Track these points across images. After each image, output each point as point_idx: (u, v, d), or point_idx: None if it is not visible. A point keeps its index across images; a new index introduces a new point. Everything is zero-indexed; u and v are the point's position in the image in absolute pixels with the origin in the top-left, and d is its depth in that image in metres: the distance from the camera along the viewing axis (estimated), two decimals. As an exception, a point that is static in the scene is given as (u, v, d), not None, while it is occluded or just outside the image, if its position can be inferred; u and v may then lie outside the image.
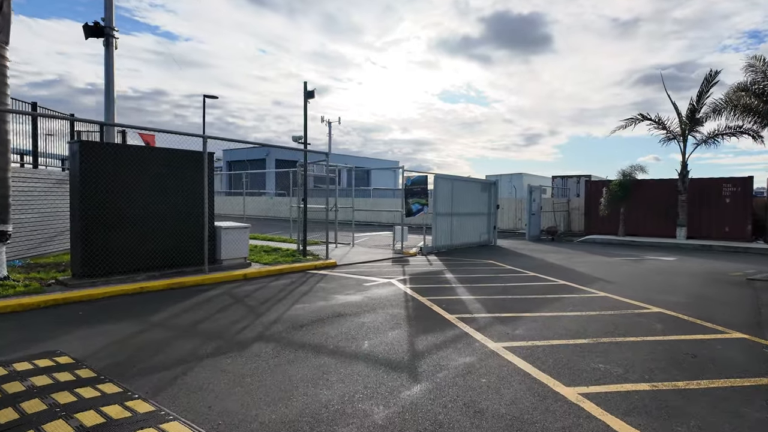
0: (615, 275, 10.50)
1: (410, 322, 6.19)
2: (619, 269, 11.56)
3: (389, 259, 13.01)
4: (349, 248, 15.12)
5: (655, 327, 6.01)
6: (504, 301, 7.60)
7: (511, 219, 25.99)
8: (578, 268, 11.66)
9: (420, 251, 14.71)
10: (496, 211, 18.44)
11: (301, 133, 12.47)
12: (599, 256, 14.56)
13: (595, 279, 9.89)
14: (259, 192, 36.25)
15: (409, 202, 14.80)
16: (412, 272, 10.66)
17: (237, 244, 10.29)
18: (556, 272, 10.85)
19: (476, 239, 17.41)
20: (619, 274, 10.63)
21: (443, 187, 15.59)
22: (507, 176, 29.96)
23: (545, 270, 11.19)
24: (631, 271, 11.21)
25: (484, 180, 18.03)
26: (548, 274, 10.42)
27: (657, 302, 7.53)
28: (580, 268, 11.67)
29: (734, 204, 18.92)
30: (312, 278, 9.72)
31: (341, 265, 11.54)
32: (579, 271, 11.14)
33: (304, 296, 7.85)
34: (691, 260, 13.64)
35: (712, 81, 18.35)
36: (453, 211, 16.01)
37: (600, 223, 21.86)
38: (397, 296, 7.88)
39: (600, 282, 9.52)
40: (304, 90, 12.20)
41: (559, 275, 10.33)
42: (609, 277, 10.14)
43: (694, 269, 11.71)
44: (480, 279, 9.77)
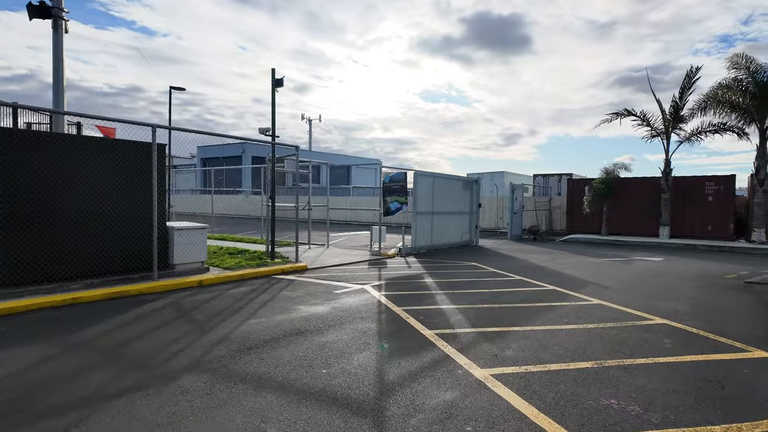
0: (606, 278, 9.69)
1: (381, 341, 5.18)
2: (609, 271, 10.77)
3: (365, 261, 12.00)
4: (324, 249, 14.05)
5: (664, 344, 5.13)
6: (489, 311, 6.66)
7: (492, 218, 25.23)
8: (566, 270, 10.84)
9: (399, 252, 13.74)
10: (478, 209, 17.60)
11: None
12: (585, 256, 13.81)
13: (586, 283, 9.05)
14: (234, 190, 34.79)
15: (387, 200, 13.81)
16: (389, 276, 9.66)
17: (193, 247, 9.13)
18: (543, 275, 9.98)
19: (458, 239, 16.52)
20: (609, 277, 9.83)
21: (423, 185, 14.65)
22: (489, 174, 29.21)
23: (531, 273, 10.32)
24: (621, 274, 10.42)
25: (465, 177, 17.18)
26: (535, 278, 9.55)
27: (658, 311, 6.69)
28: (568, 270, 10.84)
29: (717, 202, 18.47)
30: (277, 285, 8.65)
31: (312, 269, 10.48)
32: (567, 273, 10.31)
33: (262, 307, 6.78)
34: (679, 261, 12.98)
35: (694, 77, 17.84)
36: (434, 210, 15.08)
37: (582, 222, 21.25)
38: (369, 306, 6.87)
39: (592, 286, 8.68)
40: (272, 78, 11.08)
41: (547, 279, 9.47)
42: (600, 281, 9.32)
43: (686, 271, 11.01)
44: (462, 284, 8.84)
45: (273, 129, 11.12)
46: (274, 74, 11.10)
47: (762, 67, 16.61)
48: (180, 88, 18.37)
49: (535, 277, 9.74)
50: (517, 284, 8.88)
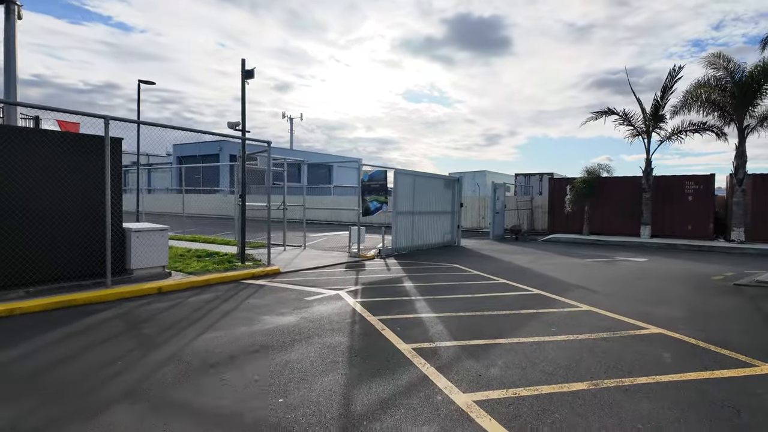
0: (592, 281, 9.25)
1: (352, 358, 4.56)
2: (594, 273, 10.35)
3: (343, 263, 11.35)
4: (300, 251, 13.34)
5: (664, 359, 4.63)
6: (472, 319, 6.09)
7: (474, 218, 24.82)
8: (550, 272, 10.38)
9: (378, 254, 13.13)
10: (460, 209, 17.10)
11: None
12: (568, 257, 13.42)
13: (573, 286, 8.58)
14: (212, 189, 33.70)
15: (367, 199, 13.18)
16: (367, 280, 9.04)
17: (153, 250, 8.36)
18: (527, 278, 9.49)
19: (439, 239, 15.99)
20: (595, 280, 9.39)
21: (404, 184, 14.07)
22: (470, 174, 28.81)
23: (515, 275, 9.82)
24: (607, 276, 10.01)
25: (447, 176, 16.67)
26: (520, 281, 9.05)
27: (652, 318, 6.22)
28: (553, 272, 10.39)
29: (697, 202, 18.35)
30: (244, 291, 7.95)
31: (285, 273, 9.78)
32: (552, 276, 9.84)
33: (224, 318, 6.09)
34: (662, 261, 12.68)
35: (677, 76, 17.66)
36: (415, 210, 14.52)
37: (564, 221, 20.97)
38: (342, 316, 6.23)
39: (579, 290, 8.20)
40: (242, 69, 10.34)
41: (531, 282, 8.97)
42: (587, 284, 8.87)
43: (671, 272, 10.66)
44: (443, 288, 8.27)
45: (243, 123, 10.38)
46: (244, 65, 10.36)
47: (740, 67, 16.51)
48: (149, 81, 17.39)
49: (519, 280, 9.23)
50: (500, 288, 8.35)
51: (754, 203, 17.23)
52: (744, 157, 16.85)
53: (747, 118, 16.71)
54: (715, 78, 17.10)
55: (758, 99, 16.30)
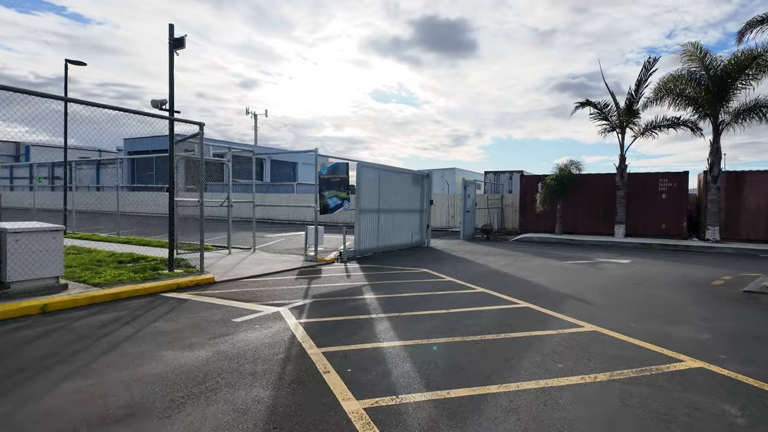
0: (582, 289, 7.86)
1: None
2: (581, 279, 9.00)
3: (295, 269, 9.58)
4: (248, 255, 11.46)
5: (733, 419, 3.15)
6: (450, 350, 4.49)
7: (443, 216, 23.44)
8: (533, 278, 8.95)
9: (339, 257, 11.42)
10: (429, 207, 15.58)
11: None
12: (545, 258, 12.10)
13: (564, 297, 7.14)
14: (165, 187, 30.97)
15: (325, 195, 11.44)
16: (320, 292, 7.32)
17: (41, 257, 6.37)
18: (509, 286, 8.01)
19: (407, 240, 14.42)
20: (586, 287, 8.01)
21: (368, 178, 12.41)
22: (439, 171, 27.44)
23: (494, 283, 8.33)
24: (596, 282, 8.66)
25: (415, 171, 15.13)
26: (501, 290, 7.54)
27: (678, 344, 4.79)
28: (535, 277, 8.96)
29: (670, 200, 17.53)
30: (159, 308, 6.09)
31: (221, 282, 7.94)
32: (536, 283, 8.40)
33: (109, 353, 4.26)
34: (647, 263, 11.53)
35: (651, 68, 16.74)
36: (380, 208, 12.89)
37: (535, 220, 19.84)
38: (274, 348, 4.51)
39: (572, 302, 6.76)
40: (170, 37, 8.41)
41: (515, 291, 7.49)
42: (578, 293, 7.46)
43: (663, 276, 9.45)
44: (412, 302, 6.66)
45: (171, 101, 8.45)
46: (172, 32, 8.43)
47: (716, 60, 15.72)
48: (80, 62, 15.03)
49: (500, 288, 7.74)
50: (480, 300, 6.81)
51: (728, 201, 16.53)
52: (719, 153, 16.10)
53: (722, 113, 15.95)
54: (690, 72, 16.28)
55: (733, 93, 15.55)
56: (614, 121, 17.69)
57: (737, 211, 16.48)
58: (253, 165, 12.50)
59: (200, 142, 8.27)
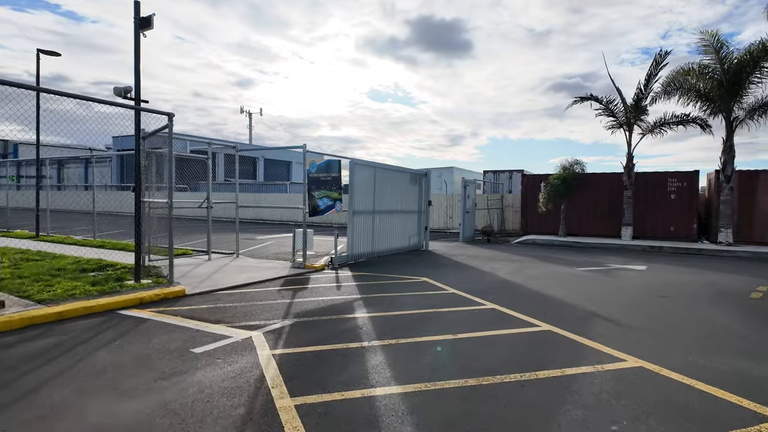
0: (605, 304, 6.82)
1: None
2: (601, 290, 7.96)
3: (280, 278, 8.50)
4: (230, 260, 10.37)
5: None
6: (465, 404, 3.42)
7: (441, 217, 22.39)
8: (546, 289, 7.90)
9: (330, 263, 10.34)
10: (428, 208, 14.52)
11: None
12: (555, 264, 11.07)
13: (588, 316, 6.09)
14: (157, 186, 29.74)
15: (315, 195, 10.34)
16: (304, 308, 6.24)
17: (-35, 271, 5.25)
18: (522, 300, 6.96)
19: (404, 243, 13.36)
20: (608, 302, 6.97)
21: (363, 177, 11.34)
22: (437, 170, 26.37)
23: (505, 296, 7.28)
24: (619, 295, 7.63)
25: (413, 170, 14.06)
26: (514, 306, 6.48)
27: (761, 390, 3.75)
28: (549, 288, 7.92)
29: (680, 201, 16.55)
30: (108, 332, 5.00)
31: (193, 296, 6.85)
32: (551, 296, 7.35)
33: (13, 405, 3.17)
34: (665, 269, 10.52)
35: (662, 62, 15.73)
36: (375, 209, 11.81)
37: (538, 221, 18.82)
38: (235, 397, 3.43)
39: (600, 323, 5.72)
40: (135, 16, 7.30)
41: (530, 307, 6.44)
42: (602, 309, 6.41)
43: (690, 286, 8.43)
44: (412, 323, 5.59)
45: (137, 88, 7.34)
46: (138, 10, 7.32)
47: (731, 53, 14.73)
48: (53, 52, 13.86)
49: (513, 303, 6.69)
50: (492, 321, 5.76)
51: (741, 202, 15.56)
52: (732, 152, 15.12)
53: (736, 109, 14.98)
54: (701, 65, 15.28)
55: (747, 88, 14.57)
56: (621, 118, 16.68)
57: (750, 213, 15.52)
58: (236, 163, 11.40)
59: (169, 135, 7.16)
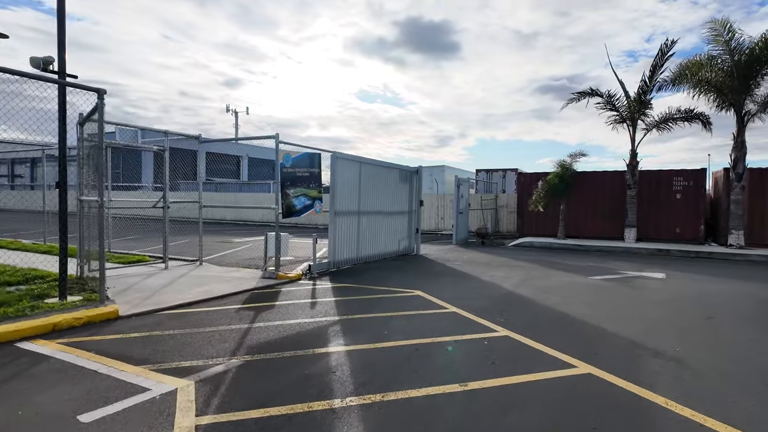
0: (644, 328, 5.42)
1: None
2: (628, 307, 6.58)
3: (245, 292, 6.98)
4: (191, 269, 8.81)
5: None
6: None
7: (433, 218, 20.99)
8: (563, 305, 6.49)
9: (308, 271, 8.85)
10: (419, 208, 13.09)
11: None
12: (563, 272, 9.71)
13: (632, 348, 4.68)
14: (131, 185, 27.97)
15: (290, 193, 8.82)
16: (263, 339, 4.73)
17: None
18: (540, 324, 5.54)
19: (393, 247, 11.90)
20: (648, 324, 5.58)
21: (347, 174, 9.86)
22: (428, 169, 24.98)
23: (517, 317, 5.85)
24: (654, 313, 6.25)
25: (403, 166, 12.64)
26: (533, 334, 5.05)
27: None
28: (567, 305, 6.51)
29: (686, 200, 15.35)
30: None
31: (127, 318, 5.31)
32: (573, 316, 5.94)
33: None
34: (687, 278, 9.22)
35: (668, 51, 14.50)
36: (361, 209, 10.35)
37: (534, 222, 17.50)
38: None
39: (652, 362, 4.30)
40: (57, -34, 5.72)
41: (554, 335, 5.01)
42: (645, 338, 5.01)
43: (730, 298, 7.10)
44: (403, 364, 4.12)
45: (61, 59, 5.76)
46: (60, -41, 5.74)
47: (742, 43, 13.56)
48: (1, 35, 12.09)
49: (529, 328, 5.26)
50: (513, 359, 4.32)
51: (751, 202, 14.40)
52: (744, 148, 13.93)
53: (748, 102, 13.82)
54: (710, 56, 14.10)
55: (762, 79, 13.42)
56: (624, 113, 15.43)
57: (762, 213, 14.35)
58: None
59: (99, 118, 5.59)
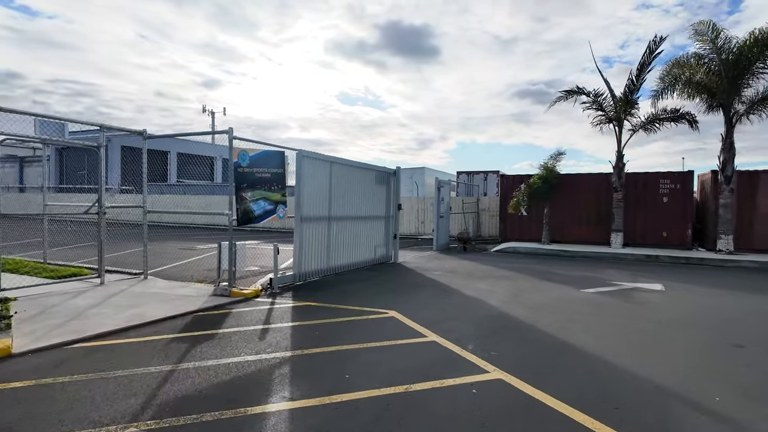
0: (673, 367, 4.43)
1: None
2: (639, 333, 5.60)
3: (186, 315, 5.74)
4: (132, 284, 7.49)
5: None
6: None
7: (412, 222, 19.95)
8: (564, 331, 5.46)
9: (269, 286, 7.65)
10: (397, 213, 12.00)
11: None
12: (554, 283, 8.75)
13: (661, 397, 3.65)
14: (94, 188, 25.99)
15: (247, 197, 7.59)
16: (184, 390, 3.53)
17: None
18: (538, 359, 4.48)
19: (369, 256, 10.77)
20: (676, 363, 4.59)
21: (314, 175, 8.69)
22: (407, 171, 23.97)
23: (511, 348, 4.79)
24: (680, 347, 5.29)
25: (380, 167, 11.54)
26: (533, 377, 3.97)
27: None
28: (568, 331, 5.49)
29: (672, 204, 14.69)
30: None
31: (24, 355, 4.02)
32: (579, 347, 4.91)
33: None
34: (688, 290, 8.37)
35: (656, 50, 13.82)
36: (332, 214, 9.19)
37: (518, 227, 16.63)
38: None
39: (703, 420, 3.30)
40: None
41: (558, 379, 3.95)
42: (679, 382, 4.01)
43: (752, 318, 6.22)
44: None
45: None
46: None
47: (729, 41, 12.98)
48: None
49: (529, 368, 4.20)
50: (509, 417, 3.23)
51: (740, 205, 13.81)
52: (733, 150, 13.33)
53: (736, 103, 13.23)
54: (697, 55, 13.50)
55: (750, 79, 12.85)
56: (610, 112, 14.70)
57: (751, 217, 13.77)
58: (143, 156, 8.57)
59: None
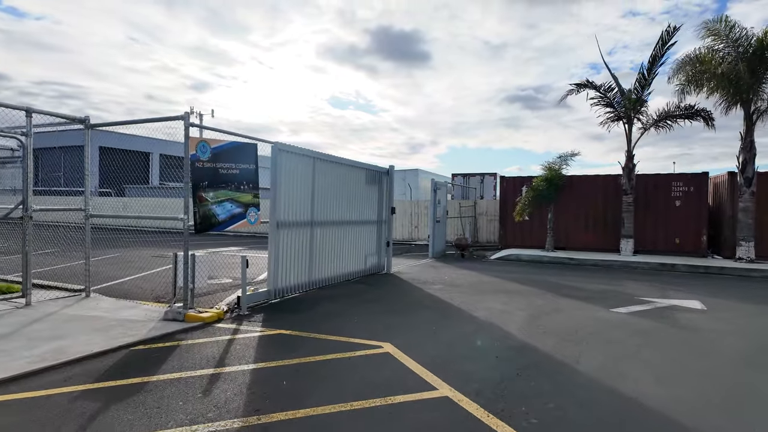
0: None
1: None
2: (708, 375, 4.31)
3: (122, 348, 4.33)
4: (68, 305, 6.04)
5: None
6: None
7: (406, 227, 18.61)
8: (615, 377, 4.15)
9: (236, 306, 6.27)
10: (390, 217, 10.65)
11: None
12: (574, 300, 7.45)
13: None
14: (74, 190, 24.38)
15: (209, 198, 6.20)
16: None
17: None
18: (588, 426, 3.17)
19: (358, 266, 9.40)
20: None
21: (295, 171, 7.32)
22: (401, 173, 22.70)
23: (553, 409, 3.47)
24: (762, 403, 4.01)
25: (372, 166, 10.23)
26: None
27: None
28: (620, 377, 4.18)
29: (686, 208, 13.54)
30: None
31: None
32: (648, 406, 3.56)
33: None
34: (730, 307, 7.12)
35: (669, 41, 12.70)
36: (315, 218, 7.82)
37: (519, 232, 15.36)
38: None
39: None
40: None
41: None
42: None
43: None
44: None
45: None
46: None
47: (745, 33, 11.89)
48: None
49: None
50: None
51: (758, 209, 12.70)
52: (753, 149, 12.20)
53: (758, 99, 12.13)
54: (713, 50, 12.39)
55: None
56: (620, 109, 13.54)
57: (771, 222, 12.69)
58: (86, 151, 7.19)
59: None
